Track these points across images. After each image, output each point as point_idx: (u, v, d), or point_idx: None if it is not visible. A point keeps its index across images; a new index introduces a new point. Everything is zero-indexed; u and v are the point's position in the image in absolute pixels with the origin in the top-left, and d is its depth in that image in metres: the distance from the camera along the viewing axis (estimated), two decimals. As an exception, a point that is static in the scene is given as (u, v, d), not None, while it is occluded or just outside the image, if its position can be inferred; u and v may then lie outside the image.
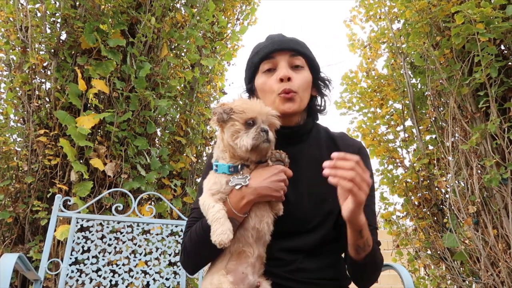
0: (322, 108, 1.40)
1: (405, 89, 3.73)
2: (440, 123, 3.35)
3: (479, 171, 2.86)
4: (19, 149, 2.89)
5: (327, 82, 1.39)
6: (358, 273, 1.25)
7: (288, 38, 1.32)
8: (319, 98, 1.40)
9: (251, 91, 1.38)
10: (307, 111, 1.36)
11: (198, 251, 1.19)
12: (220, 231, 1.04)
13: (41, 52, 2.89)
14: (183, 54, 3.70)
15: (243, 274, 1.13)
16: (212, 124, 1.21)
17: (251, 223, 1.15)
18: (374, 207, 1.30)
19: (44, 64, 2.93)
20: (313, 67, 1.34)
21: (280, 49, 1.27)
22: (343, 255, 1.33)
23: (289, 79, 1.25)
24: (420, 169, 3.48)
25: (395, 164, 3.84)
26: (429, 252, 3.40)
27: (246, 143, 1.13)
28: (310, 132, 1.35)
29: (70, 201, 2.27)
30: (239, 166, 1.19)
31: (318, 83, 1.37)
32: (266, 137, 1.14)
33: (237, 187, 1.15)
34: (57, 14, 2.95)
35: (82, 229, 2.16)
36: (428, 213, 3.38)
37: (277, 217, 1.22)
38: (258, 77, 1.33)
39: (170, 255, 2.25)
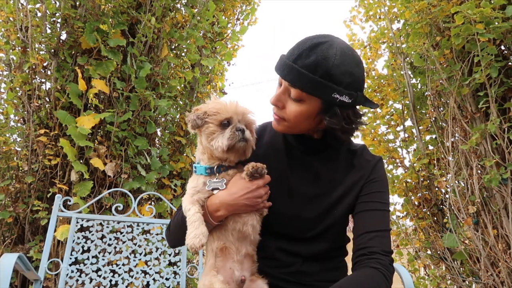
0: (341, 138, 1.17)
1: (405, 89, 3.73)
2: (440, 123, 3.36)
3: (479, 171, 2.86)
4: (19, 149, 2.89)
5: (352, 119, 1.13)
6: None
7: (293, 65, 1.07)
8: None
9: None
10: (323, 130, 1.21)
11: (177, 235, 1.26)
12: (193, 235, 1.06)
13: (41, 52, 2.90)
14: (183, 54, 3.70)
15: (230, 269, 1.15)
16: (189, 130, 1.21)
17: (231, 226, 1.17)
18: (385, 212, 1.19)
19: (44, 64, 2.93)
20: (326, 102, 1.09)
21: (279, 75, 1.13)
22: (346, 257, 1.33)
23: (277, 106, 1.16)
24: (420, 169, 3.48)
25: (395, 164, 3.84)
26: (429, 252, 3.40)
27: (221, 144, 1.13)
28: (328, 146, 1.24)
29: (70, 201, 2.27)
30: (215, 168, 1.19)
31: (333, 120, 1.10)
32: (241, 136, 1.13)
33: (215, 191, 1.17)
34: (57, 14, 2.95)
35: (82, 229, 2.16)
36: (428, 213, 3.38)
37: (280, 218, 1.21)
38: None
39: (170, 255, 2.24)
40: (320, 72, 1.05)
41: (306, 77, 1.06)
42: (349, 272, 1.29)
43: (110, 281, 2.11)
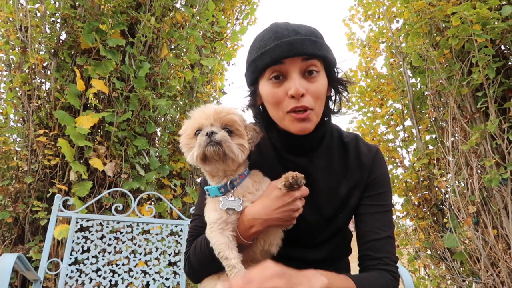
0: (336, 109, 1.19)
1: (405, 89, 3.73)
2: (440, 123, 3.36)
3: (479, 171, 2.86)
4: (19, 149, 2.89)
5: (344, 83, 1.17)
6: None
7: (301, 37, 1.03)
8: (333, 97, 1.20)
9: (254, 93, 1.16)
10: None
11: (203, 266, 1.13)
12: None
13: (40, 52, 2.89)
14: (183, 54, 3.70)
15: None
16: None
17: (260, 247, 1.09)
18: (388, 213, 1.15)
19: (44, 64, 2.92)
20: (329, 66, 1.11)
21: (291, 55, 1.02)
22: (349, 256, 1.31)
23: (302, 95, 1.03)
24: (420, 169, 3.48)
25: (395, 164, 3.84)
26: (429, 252, 3.40)
27: (192, 156, 1.02)
28: (322, 139, 1.18)
29: (69, 201, 2.26)
30: (228, 184, 1.07)
31: (334, 84, 1.15)
32: (208, 140, 0.99)
33: (230, 212, 1.04)
34: (56, 14, 2.95)
35: (82, 229, 2.16)
36: (428, 213, 3.38)
37: (287, 232, 1.15)
38: (263, 83, 1.10)
39: (170, 255, 2.24)
40: (319, 35, 1.08)
41: (319, 41, 1.06)
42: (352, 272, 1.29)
43: (110, 281, 2.11)
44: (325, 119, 1.18)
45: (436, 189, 3.43)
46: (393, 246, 1.12)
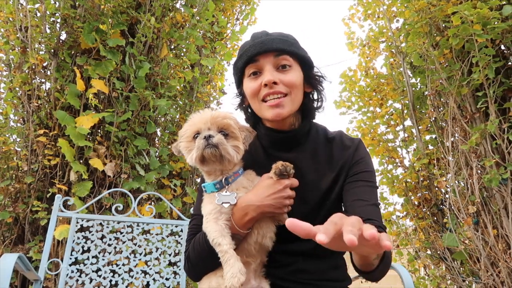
0: (317, 105, 1.30)
1: (405, 89, 3.73)
2: (440, 123, 3.35)
3: (479, 171, 2.86)
4: (19, 149, 2.89)
5: (320, 79, 1.28)
6: (371, 277, 1.12)
7: (272, 37, 1.20)
8: (314, 95, 1.30)
9: (242, 95, 1.31)
10: (301, 111, 1.27)
11: (202, 262, 1.17)
12: (230, 275, 1.02)
13: (40, 52, 2.89)
14: (183, 54, 3.70)
15: (246, 279, 1.13)
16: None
17: (254, 238, 1.14)
18: (374, 189, 1.21)
19: (44, 64, 2.92)
20: (304, 63, 1.24)
21: (263, 52, 1.17)
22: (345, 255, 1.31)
23: (275, 83, 1.16)
24: (420, 169, 3.48)
25: (394, 164, 3.84)
26: (429, 252, 3.40)
27: (191, 158, 1.12)
28: (307, 135, 1.28)
29: (70, 201, 2.26)
30: (223, 180, 1.15)
31: (311, 80, 1.26)
32: (206, 143, 1.08)
33: (225, 205, 1.12)
34: (56, 14, 2.95)
35: (82, 229, 2.16)
36: (428, 213, 3.38)
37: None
38: (244, 82, 1.25)
39: (170, 255, 2.24)
40: (290, 37, 1.24)
41: (289, 40, 1.22)
42: (349, 272, 1.29)
43: (110, 281, 2.11)
44: (309, 116, 1.29)
45: (436, 189, 3.43)
46: (380, 215, 1.17)
